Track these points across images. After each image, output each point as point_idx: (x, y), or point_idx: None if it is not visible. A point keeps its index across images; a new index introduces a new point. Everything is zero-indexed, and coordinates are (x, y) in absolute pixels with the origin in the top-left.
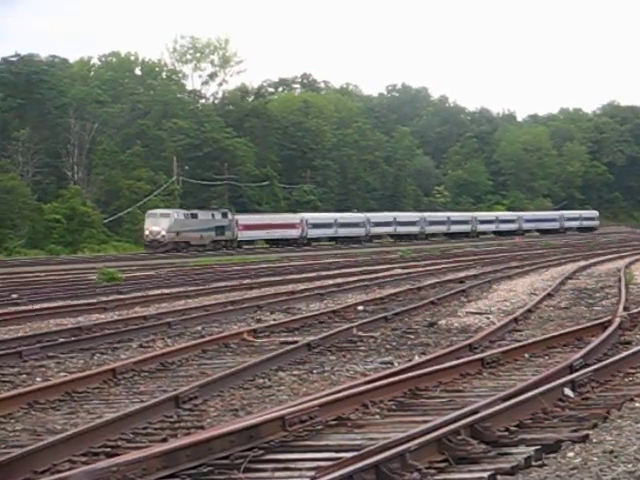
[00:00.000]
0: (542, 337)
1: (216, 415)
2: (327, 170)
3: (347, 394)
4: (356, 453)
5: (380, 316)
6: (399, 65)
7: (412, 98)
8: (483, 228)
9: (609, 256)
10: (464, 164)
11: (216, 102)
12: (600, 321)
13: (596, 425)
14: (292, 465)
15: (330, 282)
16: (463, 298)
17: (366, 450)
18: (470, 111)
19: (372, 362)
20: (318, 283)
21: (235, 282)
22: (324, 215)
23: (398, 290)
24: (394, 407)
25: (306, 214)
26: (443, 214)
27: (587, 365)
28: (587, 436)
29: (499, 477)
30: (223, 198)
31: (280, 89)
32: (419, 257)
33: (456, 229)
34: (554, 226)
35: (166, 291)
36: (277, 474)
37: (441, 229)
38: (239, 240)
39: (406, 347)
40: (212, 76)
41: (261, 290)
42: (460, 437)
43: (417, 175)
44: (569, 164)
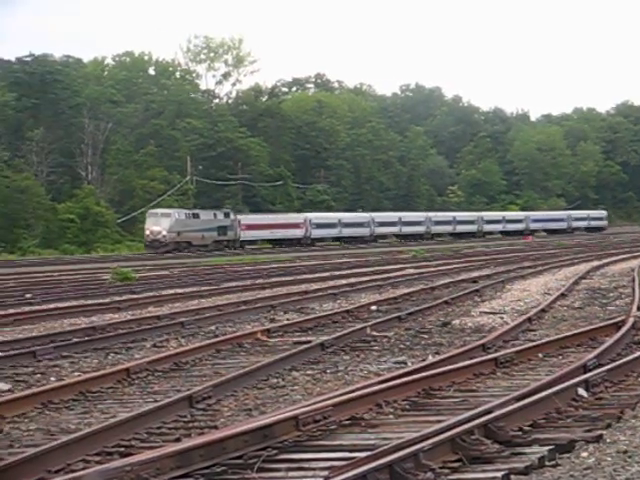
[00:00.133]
0: (556, 337)
1: (230, 415)
2: (341, 170)
3: (361, 394)
4: (370, 453)
5: (394, 316)
6: (413, 65)
7: (426, 98)
8: (490, 228)
9: (622, 256)
10: (478, 164)
11: (230, 102)
12: (614, 321)
13: (610, 425)
14: (306, 465)
15: (343, 282)
16: (477, 298)
17: (380, 450)
18: (484, 111)
19: (386, 362)
20: (331, 283)
21: (247, 282)
22: (328, 215)
23: (411, 290)
24: (408, 407)
25: (310, 214)
26: (449, 214)
27: (601, 365)
28: (601, 436)
29: (513, 477)
30: (237, 198)
31: (294, 89)
32: (430, 257)
33: (462, 229)
34: (561, 226)
35: (179, 291)
36: (291, 474)
37: (447, 229)
38: (242, 240)
39: (420, 347)
40: (226, 76)
41: (273, 290)
42: (474, 437)
43: (431, 175)
44: (583, 164)
